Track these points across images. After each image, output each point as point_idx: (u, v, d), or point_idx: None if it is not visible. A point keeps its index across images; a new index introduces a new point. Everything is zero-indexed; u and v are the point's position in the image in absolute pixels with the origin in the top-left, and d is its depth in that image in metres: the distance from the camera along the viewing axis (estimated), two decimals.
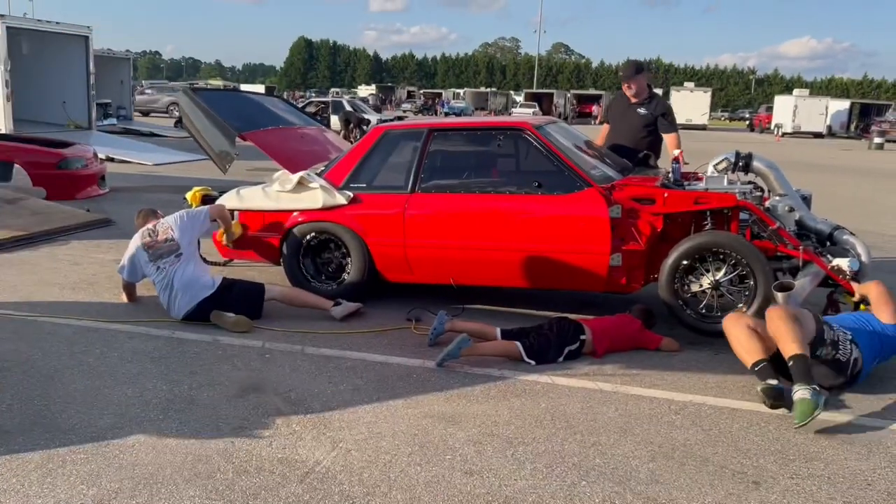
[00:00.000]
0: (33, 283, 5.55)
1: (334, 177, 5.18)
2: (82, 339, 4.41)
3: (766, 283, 4.33)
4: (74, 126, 15.81)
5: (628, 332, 4.43)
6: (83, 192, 9.62)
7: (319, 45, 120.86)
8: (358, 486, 2.87)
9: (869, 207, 11.17)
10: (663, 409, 3.66)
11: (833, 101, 45.17)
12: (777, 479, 2.99)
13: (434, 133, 5.10)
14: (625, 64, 6.01)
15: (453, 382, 3.93)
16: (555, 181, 4.71)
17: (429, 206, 4.93)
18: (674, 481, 2.96)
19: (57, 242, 6.94)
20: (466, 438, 3.29)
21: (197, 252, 4.89)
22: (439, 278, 5.05)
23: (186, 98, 5.54)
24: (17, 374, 3.84)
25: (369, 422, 3.43)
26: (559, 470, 3.03)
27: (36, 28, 14.94)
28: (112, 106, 21.01)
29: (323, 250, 5.30)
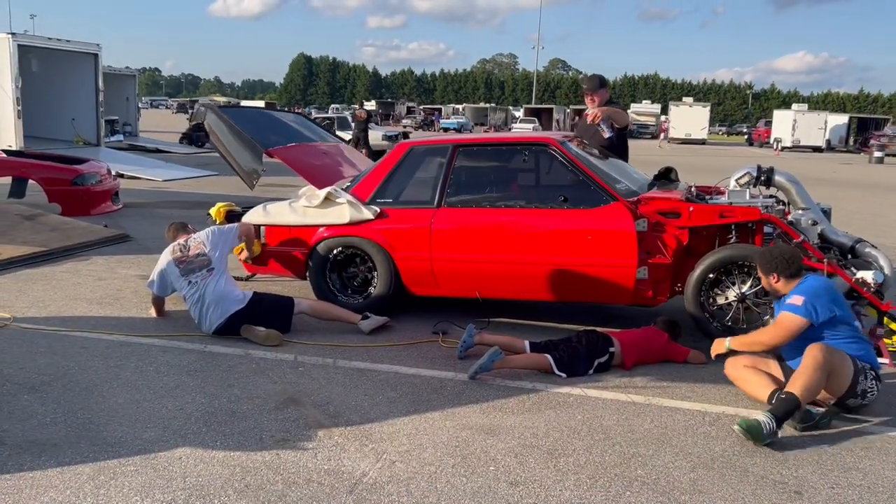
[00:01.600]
0: (61, 298, 5.59)
1: (361, 192, 5.25)
2: (116, 353, 4.45)
3: None
4: (83, 143, 15.91)
5: (656, 345, 4.48)
6: (98, 209, 9.67)
7: (319, 62, 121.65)
8: (406, 496, 2.90)
9: (877, 221, 11.25)
10: (697, 420, 3.70)
11: (832, 115, 45.48)
12: (818, 489, 3.03)
13: (459, 148, 5.18)
14: (588, 78, 6.14)
15: (487, 395, 3.97)
16: (581, 195, 4.78)
17: (455, 220, 4.99)
18: (717, 491, 3.00)
19: (78, 258, 6.99)
20: (507, 450, 3.33)
21: (227, 268, 4.94)
22: (465, 292, 5.10)
23: (214, 115, 5.61)
24: (57, 387, 3.88)
25: (409, 433, 3.47)
26: (602, 481, 3.07)
27: (46, 46, 15.06)
28: (118, 122, 21.11)
29: (349, 265, 5.35)
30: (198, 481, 2.97)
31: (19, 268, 6.45)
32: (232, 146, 5.53)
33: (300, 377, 4.15)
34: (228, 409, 3.67)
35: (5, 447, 3.20)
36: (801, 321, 3.66)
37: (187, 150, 22.03)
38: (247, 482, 2.97)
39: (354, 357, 4.49)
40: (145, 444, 3.28)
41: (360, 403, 3.80)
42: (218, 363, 4.33)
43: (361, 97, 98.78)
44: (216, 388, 3.95)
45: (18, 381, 3.94)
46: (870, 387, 3.69)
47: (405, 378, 4.18)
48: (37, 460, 3.10)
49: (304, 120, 7.05)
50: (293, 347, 4.63)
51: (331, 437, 3.41)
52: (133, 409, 3.65)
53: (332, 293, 5.30)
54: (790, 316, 3.69)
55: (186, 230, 5.10)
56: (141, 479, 2.98)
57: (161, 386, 3.95)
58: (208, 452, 3.21)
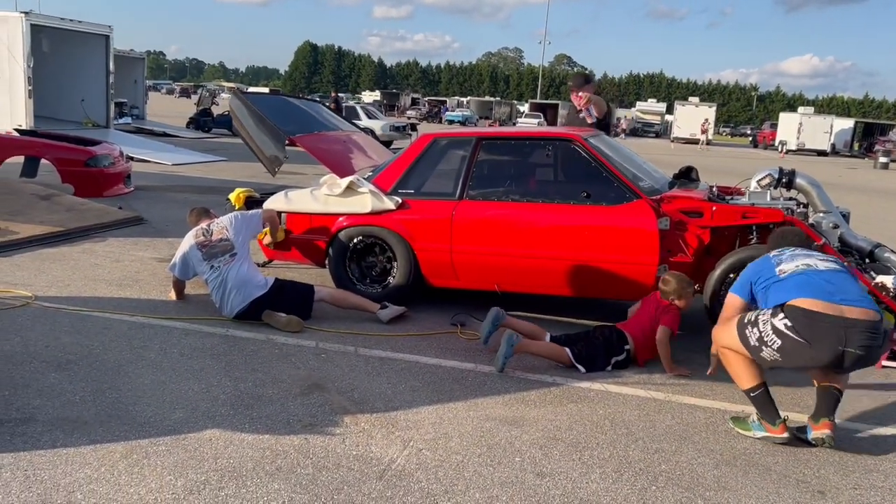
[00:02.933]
0: (80, 278, 5.62)
1: (383, 182, 5.27)
2: (139, 334, 4.48)
3: None
4: (92, 124, 15.90)
5: (651, 322, 4.42)
6: (110, 190, 9.68)
7: (324, 50, 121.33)
8: (435, 484, 2.94)
9: (887, 227, 11.29)
10: (718, 418, 3.74)
11: (837, 119, 45.48)
12: (840, 490, 3.07)
13: (483, 142, 5.20)
14: (574, 75, 6.43)
15: (509, 387, 4.01)
16: (604, 192, 4.81)
17: (476, 213, 5.01)
18: (741, 488, 3.04)
19: (93, 239, 7.01)
20: (531, 441, 3.37)
21: (249, 253, 4.96)
22: (484, 284, 5.13)
23: (238, 101, 5.63)
24: (83, 366, 3.91)
25: (434, 422, 3.50)
26: (628, 475, 3.11)
27: (58, 26, 15.03)
28: (126, 105, 21.10)
29: (368, 254, 5.38)
30: (229, 463, 3.00)
31: (37, 247, 6.47)
32: (255, 132, 5.55)
33: (323, 363, 4.18)
34: (254, 393, 3.70)
35: (37, 423, 3.24)
36: (735, 299, 3.57)
37: (194, 134, 22.02)
38: (277, 465, 3.01)
39: (375, 346, 4.52)
40: (174, 424, 3.31)
41: (384, 391, 3.84)
42: (241, 347, 4.36)
43: (366, 86, 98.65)
44: (241, 371, 3.98)
45: (45, 359, 3.97)
46: (763, 331, 3.31)
47: (426, 368, 4.22)
48: (69, 437, 3.13)
49: (324, 108, 7.06)
50: (314, 334, 4.66)
51: (357, 423, 3.44)
52: (159, 389, 3.69)
53: (350, 282, 5.33)
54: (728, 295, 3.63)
55: (209, 215, 5.12)
56: (173, 458, 3.01)
57: (185, 368, 3.98)
58: (237, 435, 3.25)
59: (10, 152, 9.72)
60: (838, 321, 3.18)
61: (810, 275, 3.36)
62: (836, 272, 3.39)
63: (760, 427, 3.48)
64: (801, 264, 3.43)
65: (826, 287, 3.29)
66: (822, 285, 3.30)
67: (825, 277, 3.34)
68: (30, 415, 3.32)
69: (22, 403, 3.43)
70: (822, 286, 3.30)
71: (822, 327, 3.19)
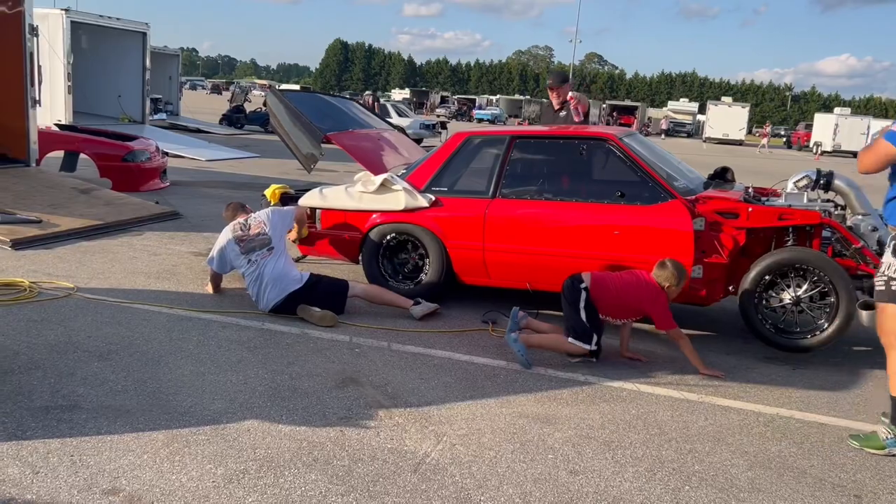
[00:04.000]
0: (120, 271, 5.75)
1: (416, 180, 5.31)
2: (177, 326, 4.57)
3: (849, 301, 4.37)
4: (128, 120, 16.18)
5: (634, 300, 4.33)
6: (147, 185, 9.87)
7: (355, 48, 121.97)
8: (469, 478, 2.97)
9: None
10: (752, 420, 3.72)
11: (875, 120, 44.55)
12: (878, 495, 3.05)
13: (517, 140, 5.21)
14: (553, 74, 6.45)
15: (541, 385, 4.03)
16: (638, 192, 4.79)
17: (509, 211, 5.03)
18: (775, 491, 3.03)
19: (131, 233, 7.15)
20: (564, 439, 3.38)
21: (286, 247, 5.04)
22: (515, 282, 5.15)
23: (275, 98, 5.71)
24: (124, 357, 4.01)
25: (467, 418, 3.54)
26: (661, 474, 3.11)
27: (96, 23, 15.31)
28: (161, 101, 21.42)
29: (401, 251, 5.43)
30: (267, 453, 3.07)
31: (77, 240, 6.63)
32: (291, 130, 5.62)
33: (357, 358, 4.24)
34: (290, 386, 3.77)
35: (83, 411, 3.33)
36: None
37: (227, 130, 22.29)
38: (314, 456, 3.06)
39: (408, 341, 4.57)
40: (214, 414, 3.39)
41: (417, 386, 3.88)
42: (277, 341, 4.44)
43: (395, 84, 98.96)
44: (277, 364, 4.05)
45: (88, 349, 4.08)
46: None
47: (459, 364, 4.25)
48: (112, 425, 3.22)
49: (358, 106, 7.13)
50: (347, 329, 4.73)
51: (391, 417, 3.49)
52: (199, 380, 3.77)
53: (383, 278, 5.38)
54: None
55: (245, 210, 5.21)
56: (213, 448, 3.08)
57: (224, 360, 4.06)
58: (275, 426, 3.31)
59: (50, 147, 9.95)
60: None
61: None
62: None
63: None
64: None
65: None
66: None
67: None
68: (75, 402, 3.42)
69: (68, 391, 3.53)
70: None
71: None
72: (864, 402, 4.03)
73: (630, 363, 4.40)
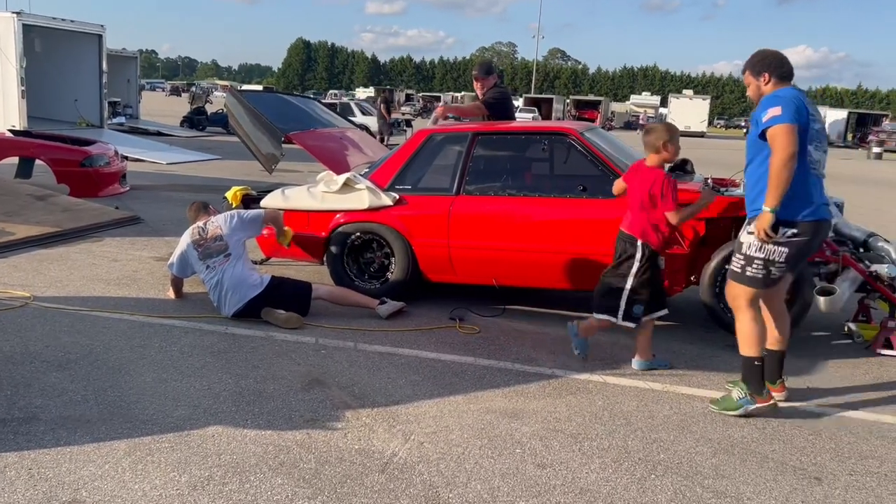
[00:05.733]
0: (78, 278, 5.63)
1: (379, 178, 5.29)
2: (139, 333, 4.49)
3: (808, 288, 4.45)
4: (86, 124, 15.86)
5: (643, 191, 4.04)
6: (106, 190, 9.68)
7: (317, 47, 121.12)
8: (437, 476, 2.97)
9: (880, 217, 11.35)
10: None
11: (831, 110, 45.60)
12: (837, 476, 3.11)
13: (479, 136, 5.22)
14: (478, 65, 6.40)
15: (508, 380, 4.04)
16: (599, 185, 4.83)
17: (473, 208, 5.04)
18: (738, 476, 3.08)
19: (90, 239, 7.01)
20: (532, 433, 3.40)
21: (245, 252, 4.97)
22: (482, 279, 5.16)
23: (234, 99, 5.63)
24: (84, 365, 3.93)
25: (435, 416, 3.53)
26: (627, 464, 3.14)
27: (50, 25, 14.97)
28: (120, 105, 21.04)
29: (366, 250, 5.40)
30: (233, 458, 3.03)
31: (34, 248, 6.48)
32: (251, 130, 5.55)
33: (323, 360, 4.21)
34: (256, 390, 3.73)
35: (40, 423, 3.26)
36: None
37: (188, 133, 21.98)
38: (280, 460, 3.03)
39: (375, 341, 4.55)
40: (177, 421, 3.34)
41: (385, 386, 3.86)
42: (241, 345, 4.38)
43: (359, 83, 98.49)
44: (241, 368, 4.00)
45: (46, 359, 3.99)
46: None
47: (426, 362, 4.24)
48: (72, 435, 3.15)
49: (320, 105, 7.07)
50: (314, 331, 4.69)
51: (358, 417, 3.47)
52: (161, 387, 3.71)
53: (349, 278, 5.35)
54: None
55: (207, 211, 5.13)
56: (177, 455, 3.03)
57: (187, 366, 4.00)
58: (240, 431, 3.27)
59: (4, 153, 9.72)
60: None
61: None
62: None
63: (750, 400, 3.58)
64: None
65: None
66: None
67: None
68: (32, 414, 3.34)
69: (24, 403, 3.44)
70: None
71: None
72: (824, 386, 4.11)
73: (595, 355, 4.43)
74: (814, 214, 3.47)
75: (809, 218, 3.46)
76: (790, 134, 3.31)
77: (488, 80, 6.24)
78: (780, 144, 3.32)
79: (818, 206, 3.49)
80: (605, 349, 4.56)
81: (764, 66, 3.58)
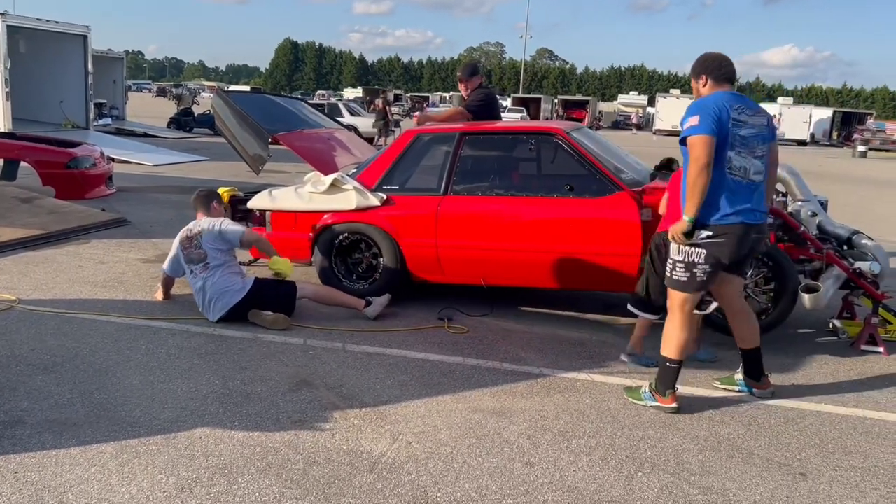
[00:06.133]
0: (64, 281, 5.59)
1: (367, 179, 5.29)
2: (125, 335, 4.47)
3: (793, 285, 4.49)
4: (72, 126, 15.75)
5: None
6: (92, 192, 9.62)
7: (305, 48, 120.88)
8: (426, 475, 2.98)
9: (865, 215, 11.45)
10: (702, 404, 3.80)
11: (816, 109, 45.92)
12: (822, 472, 3.14)
13: (466, 137, 5.23)
14: (463, 66, 6.38)
15: (496, 379, 4.05)
16: (586, 185, 4.85)
17: (461, 207, 5.05)
18: (725, 472, 3.10)
19: (77, 241, 6.97)
20: (520, 432, 3.41)
21: (228, 258, 4.85)
22: (469, 278, 5.17)
23: (220, 100, 5.61)
24: (70, 368, 3.91)
25: (423, 416, 3.54)
26: (614, 462, 3.16)
27: (34, 26, 14.86)
28: (106, 106, 20.91)
29: (354, 251, 5.40)
30: (220, 460, 3.02)
31: (19, 250, 6.43)
32: (238, 131, 5.53)
33: (311, 360, 4.20)
34: (243, 391, 3.72)
35: (26, 426, 3.24)
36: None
37: (175, 134, 21.86)
38: (268, 461, 3.03)
39: (363, 341, 4.55)
40: (164, 423, 3.32)
41: (373, 386, 3.86)
42: (228, 346, 4.37)
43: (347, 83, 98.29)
44: (229, 370, 3.99)
45: (32, 362, 3.97)
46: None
47: (414, 362, 4.25)
48: (58, 439, 3.14)
49: (307, 106, 7.06)
50: (301, 331, 4.68)
51: (346, 418, 3.47)
52: (148, 390, 3.69)
53: (337, 279, 5.35)
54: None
55: (207, 205, 4.98)
56: (164, 457, 3.02)
57: (174, 368, 3.99)
58: (227, 432, 3.27)
59: None
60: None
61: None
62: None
63: (652, 397, 3.70)
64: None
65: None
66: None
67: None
68: (18, 417, 3.32)
69: (10, 406, 3.42)
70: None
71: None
72: (809, 383, 4.14)
73: (583, 353, 4.45)
74: (727, 218, 3.48)
75: (723, 221, 3.48)
76: (703, 145, 3.37)
77: (473, 82, 6.18)
78: (694, 155, 3.39)
79: (739, 211, 3.48)
80: (592, 348, 4.59)
81: (703, 68, 3.64)
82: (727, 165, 3.46)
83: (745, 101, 3.57)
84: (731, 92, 3.58)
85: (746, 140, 3.50)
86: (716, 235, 3.50)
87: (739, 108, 3.49)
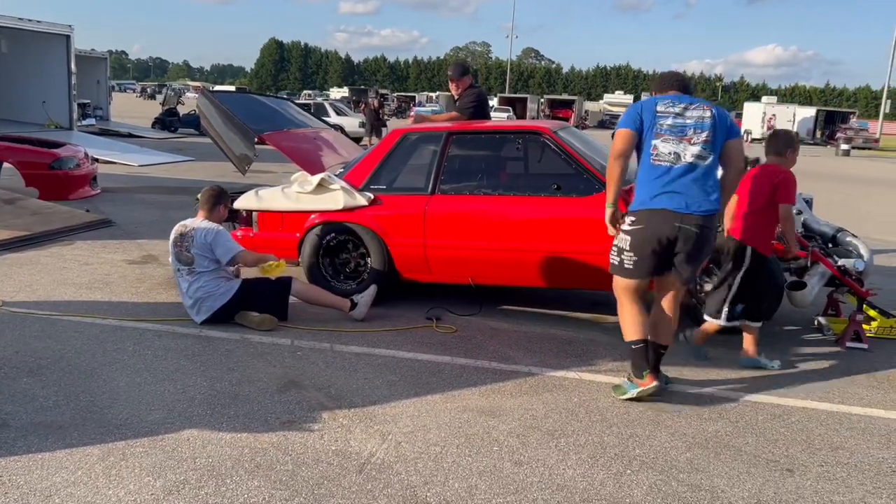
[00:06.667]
0: (49, 282, 5.54)
1: (354, 178, 5.27)
2: (111, 337, 4.44)
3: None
4: (55, 126, 15.60)
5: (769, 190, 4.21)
6: (76, 193, 9.54)
7: (290, 47, 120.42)
8: (415, 475, 2.97)
9: (850, 213, 11.56)
10: (689, 401, 3.82)
11: (800, 108, 46.31)
12: (808, 467, 3.17)
13: (453, 136, 5.22)
14: (453, 66, 6.43)
15: (485, 378, 4.05)
16: (573, 184, 4.86)
17: (448, 207, 5.04)
18: (713, 469, 3.12)
19: (61, 243, 6.91)
20: (509, 431, 3.41)
21: (214, 265, 4.74)
22: (457, 278, 5.17)
23: (206, 100, 5.58)
24: (56, 371, 3.87)
25: (412, 415, 3.53)
26: (603, 460, 3.17)
27: (16, 26, 14.69)
28: (90, 106, 20.73)
29: (341, 251, 5.38)
30: (208, 462, 3.00)
31: (2, 252, 6.36)
32: (223, 131, 5.50)
33: (299, 361, 4.18)
34: (231, 392, 3.70)
35: (10, 429, 3.20)
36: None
37: (160, 134, 21.72)
38: (257, 462, 3.01)
39: (351, 342, 4.54)
40: (151, 426, 3.30)
41: (361, 386, 3.85)
42: (215, 347, 4.34)
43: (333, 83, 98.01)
44: (216, 371, 3.97)
45: (16, 365, 3.92)
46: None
47: (403, 362, 4.24)
48: (44, 442, 3.11)
49: (293, 105, 7.03)
50: (289, 332, 4.66)
51: (335, 419, 3.46)
52: (135, 392, 3.66)
53: (324, 279, 5.33)
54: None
55: (210, 207, 4.82)
56: (151, 459, 3.00)
57: (160, 369, 3.96)
58: (215, 434, 3.25)
59: None
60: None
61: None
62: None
63: (633, 385, 3.74)
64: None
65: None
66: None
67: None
68: (2, 421, 3.28)
69: None
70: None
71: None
72: (795, 379, 4.18)
73: (571, 352, 4.46)
74: (644, 204, 3.64)
75: (641, 207, 3.66)
76: (618, 137, 3.68)
77: (463, 81, 6.21)
78: (611, 147, 3.73)
79: (656, 196, 3.61)
80: (580, 346, 4.60)
81: (653, 86, 3.94)
82: (652, 153, 3.64)
83: (683, 98, 3.72)
84: (670, 94, 3.75)
85: (675, 128, 3.63)
86: (637, 222, 3.66)
87: (669, 103, 3.68)
